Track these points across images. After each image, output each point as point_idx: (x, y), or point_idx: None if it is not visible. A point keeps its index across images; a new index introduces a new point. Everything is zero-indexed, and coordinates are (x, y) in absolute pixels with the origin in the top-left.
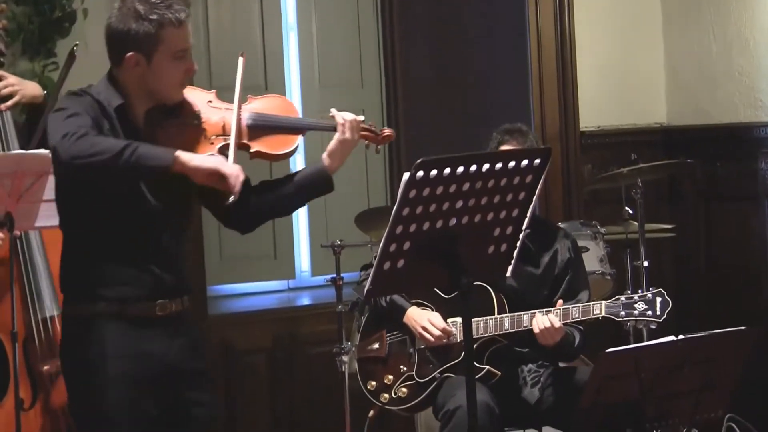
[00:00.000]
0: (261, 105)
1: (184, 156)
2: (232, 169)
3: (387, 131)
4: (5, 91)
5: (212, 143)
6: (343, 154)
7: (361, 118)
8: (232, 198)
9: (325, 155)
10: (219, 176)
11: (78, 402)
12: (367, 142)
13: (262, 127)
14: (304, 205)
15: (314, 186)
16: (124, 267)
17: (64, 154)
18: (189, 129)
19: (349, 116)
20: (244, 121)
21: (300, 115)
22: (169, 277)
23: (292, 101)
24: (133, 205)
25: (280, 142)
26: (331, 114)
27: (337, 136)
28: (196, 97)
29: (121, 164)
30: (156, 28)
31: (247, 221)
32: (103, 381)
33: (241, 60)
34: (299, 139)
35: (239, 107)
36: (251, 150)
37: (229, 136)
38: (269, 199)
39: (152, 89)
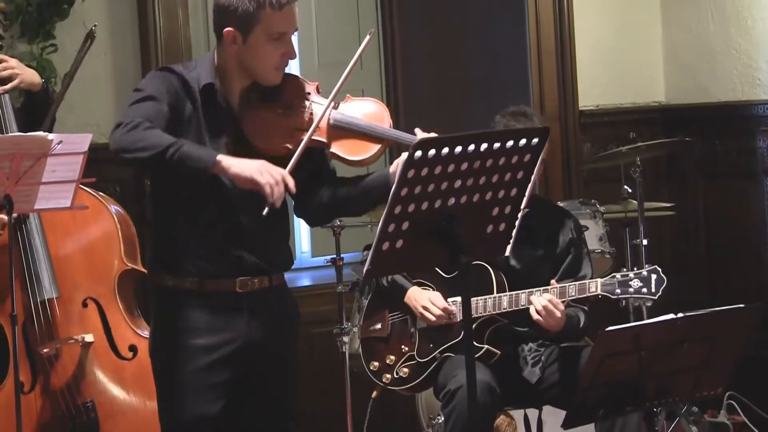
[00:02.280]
0: (353, 107)
1: (225, 161)
2: (267, 179)
3: None
4: (5, 73)
5: (292, 136)
6: None
7: None
8: (266, 209)
9: (394, 164)
10: (255, 185)
11: (156, 369)
12: None
13: (344, 129)
14: (371, 209)
15: (378, 193)
16: (204, 245)
17: (113, 145)
18: (275, 117)
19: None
20: (329, 120)
21: (389, 124)
22: (251, 256)
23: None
24: (210, 188)
25: (357, 147)
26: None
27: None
28: (297, 86)
29: (165, 162)
30: (255, 7)
31: (317, 214)
32: (177, 352)
33: (367, 38)
34: (377, 148)
35: (330, 104)
36: (329, 149)
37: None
38: (338, 197)
39: (248, 68)
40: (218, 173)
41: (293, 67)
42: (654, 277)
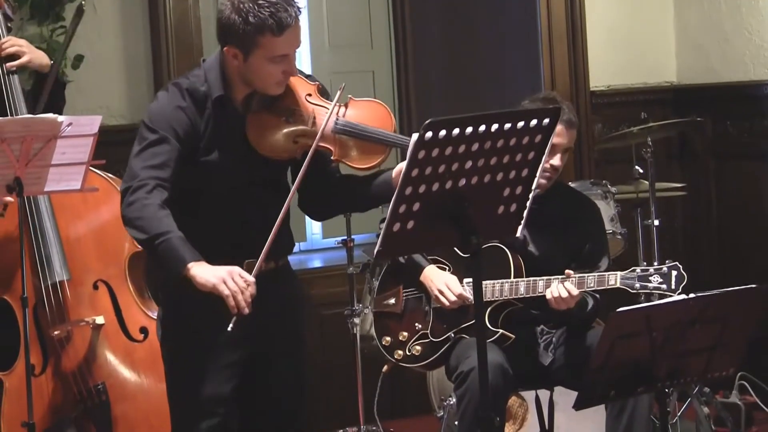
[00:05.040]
0: (356, 112)
1: (193, 270)
2: (231, 288)
3: None
4: (11, 49)
5: (295, 143)
6: None
7: None
8: (232, 322)
9: (396, 169)
10: (218, 295)
11: (166, 353)
12: None
13: (349, 135)
14: (374, 207)
15: (381, 196)
16: (209, 231)
17: (121, 207)
18: (278, 122)
19: None
20: (333, 128)
21: (393, 127)
22: (257, 240)
23: (386, 108)
24: (213, 179)
25: (362, 154)
26: None
27: None
28: (297, 89)
29: (148, 249)
30: (254, 33)
31: (321, 211)
32: (187, 335)
33: (338, 92)
34: (382, 156)
35: (333, 111)
36: (333, 157)
37: (313, 139)
38: (341, 197)
39: (248, 82)
40: (188, 276)
41: (304, 49)
42: (674, 273)
